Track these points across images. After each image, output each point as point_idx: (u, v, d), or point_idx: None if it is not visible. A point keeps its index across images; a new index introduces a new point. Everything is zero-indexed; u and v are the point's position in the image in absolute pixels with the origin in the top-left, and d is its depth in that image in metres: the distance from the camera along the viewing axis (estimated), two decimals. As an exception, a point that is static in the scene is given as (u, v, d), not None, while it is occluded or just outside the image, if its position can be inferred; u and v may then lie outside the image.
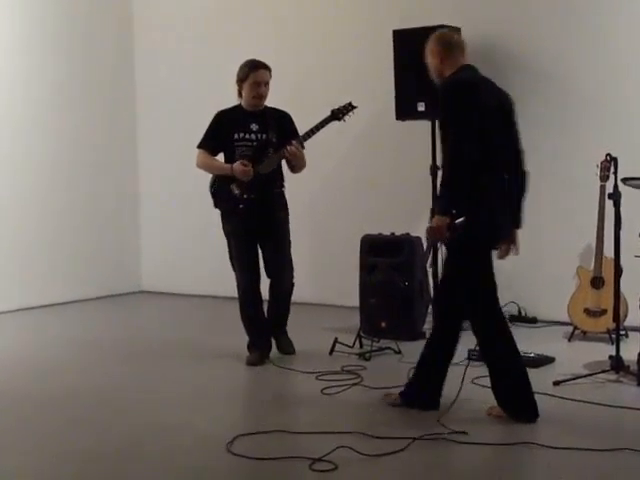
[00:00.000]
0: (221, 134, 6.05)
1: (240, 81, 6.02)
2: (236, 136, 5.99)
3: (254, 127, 5.99)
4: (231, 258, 6.18)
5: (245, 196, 5.94)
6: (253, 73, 5.96)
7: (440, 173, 4.76)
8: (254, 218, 5.98)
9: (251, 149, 5.96)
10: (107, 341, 7.12)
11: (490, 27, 7.50)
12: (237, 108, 6.11)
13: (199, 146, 6.15)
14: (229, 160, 6.03)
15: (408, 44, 7.14)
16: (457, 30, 7.30)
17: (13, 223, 8.49)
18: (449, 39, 5.00)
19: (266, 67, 5.99)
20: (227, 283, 8.42)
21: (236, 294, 6.21)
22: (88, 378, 5.91)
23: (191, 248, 9.20)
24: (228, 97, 6.15)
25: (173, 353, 6.62)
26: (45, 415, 5.06)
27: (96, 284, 9.14)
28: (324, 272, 8.35)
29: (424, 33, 7.05)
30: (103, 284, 9.21)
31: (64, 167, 8.93)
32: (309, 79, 8.34)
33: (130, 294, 9.46)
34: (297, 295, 6.42)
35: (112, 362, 6.39)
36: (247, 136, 5.99)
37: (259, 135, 5.98)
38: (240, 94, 6.06)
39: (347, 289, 7.41)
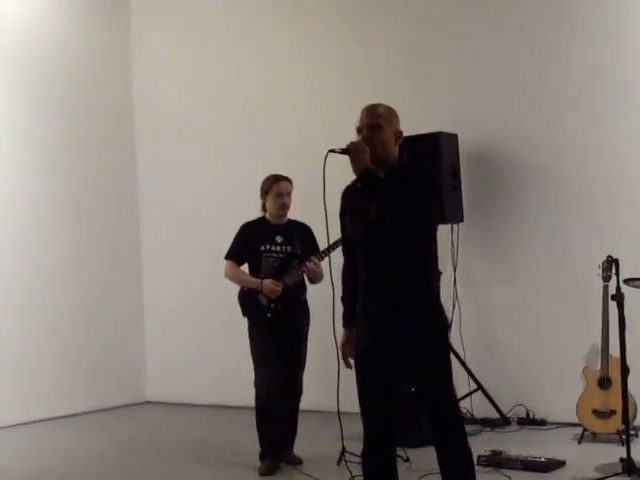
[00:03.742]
0: (247, 245, 6.27)
1: (264, 193, 6.26)
2: (262, 247, 6.21)
3: (279, 239, 6.22)
4: (254, 360, 6.21)
5: (272, 306, 6.14)
6: (276, 185, 6.20)
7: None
8: (279, 325, 6.17)
9: (277, 260, 6.19)
10: (112, 455, 7.04)
11: (484, 131, 7.66)
12: (262, 220, 6.34)
13: (227, 257, 6.33)
14: (255, 269, 6.25)
15: (407, 151, 7.24)
16: (454, 136, 7.49)
17: (15, 334, 8.47)
18: None
19: (287, 179, 6.25)
20: (233, 392, 8.44)
21: (246, 403, 6.19)
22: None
23: (196, 358, 9.16)
24: (228, 210, 6.17)
25: (183, 465, 6.56)
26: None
27: (100, 396, 9.05)
28: (331, 377, 8.27)
29: (423, 139, 7.27)
30: (107, 396, 9.12)
31: (69, 278, 8.96)
32: (316, 185, 8.42)
33: (134, 405, 9.38)
34: (304, 402, 6.40)
35: (115, 476, 6.32)
36: (273, 248, 6.22)
37: (284, 247, 6.21)
38: (264, 207, 6.30)
39: (354, 395, 7.34)
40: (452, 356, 7.41)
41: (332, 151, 4.06)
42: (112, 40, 9.66)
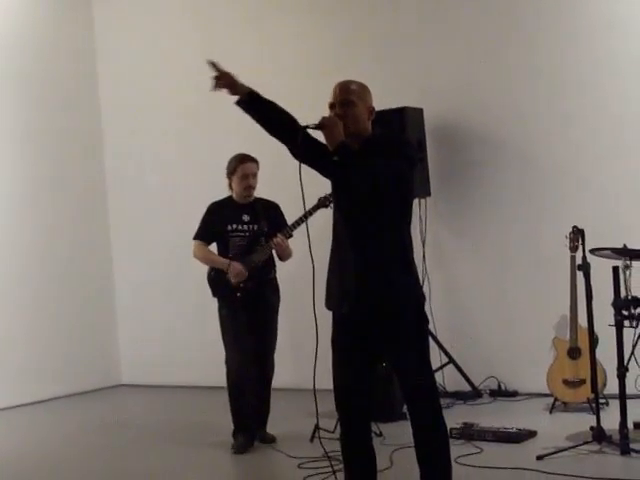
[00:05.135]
0: (215, 225, 6.24)
1: (230, 174, 6.23)
2: (229, 227, 6.18)
3: (245, 218, 6.20)
4: (224, 339, 6.21)
5: (241, 285, 6.11)
6: (241, 166, 6.17)
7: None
8: (249, 304, 6.16)
9: (244, 239, 6.17)
10: (87, 439, 7.03)
11: (449, 105, 7.68)
12: (228, 200, 6.31)
13: (195, 237, 6.31)
14: (223, 249, 6.24)
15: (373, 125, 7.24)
16: (419, 110, 7.48)
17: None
18: None
19: (253, 160, 6.21)
20: (206, 372, 8.43)
21: (219, 383, 6.20)
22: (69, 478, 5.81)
23: (169, 339, 9.14)
24: (196, 191, 6.15)
25: (157, 445, 6.56)
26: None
27: (73, 380, 9.01)
28: (303, 356, 8.29)
29: (388, 115, 7.26)
30: (80, 380, 9.08)
31: (37, 259, 8.90)
32: (281, 164, 8.40)
33: (109, 388, 9.36)
34: (276, 380, 6.40)
35: (92, 459, 6.32)
36: (240, 227, 6.20)
37: (250, 226, 6.19)
38: (230, 187, 6.26)
39: (327, 372, 7.35)
40: (423, 330, 7.47)
41: (306, 127, 4.08)
42: (75, 27, 9.53)
